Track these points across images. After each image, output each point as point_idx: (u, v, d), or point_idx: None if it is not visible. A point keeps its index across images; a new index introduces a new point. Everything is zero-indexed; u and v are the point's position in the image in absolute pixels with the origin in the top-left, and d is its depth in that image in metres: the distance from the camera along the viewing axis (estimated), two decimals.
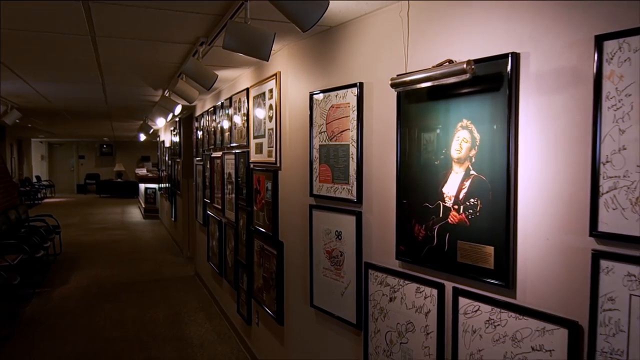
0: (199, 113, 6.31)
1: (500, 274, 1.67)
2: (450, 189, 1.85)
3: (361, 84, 2.33)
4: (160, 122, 6.55)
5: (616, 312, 1.35)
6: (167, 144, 10.25)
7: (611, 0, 1.35)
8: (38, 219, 8.17)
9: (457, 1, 1.80)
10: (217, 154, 4.93)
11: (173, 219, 9.50)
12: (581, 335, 1.44)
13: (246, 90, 3.78)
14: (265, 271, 3.45)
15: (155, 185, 13.48)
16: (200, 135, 6.09)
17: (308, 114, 2.74)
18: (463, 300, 1.82)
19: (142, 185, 14.45)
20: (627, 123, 1.31)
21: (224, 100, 4.62)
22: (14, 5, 2.26)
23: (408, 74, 1.87)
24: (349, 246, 2.45)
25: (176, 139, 8.56)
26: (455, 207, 1.83)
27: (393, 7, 2.11)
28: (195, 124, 6.54)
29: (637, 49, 1.29)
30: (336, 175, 2.52)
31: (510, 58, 1.60)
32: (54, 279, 6.77)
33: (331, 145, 2.55)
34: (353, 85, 2.36)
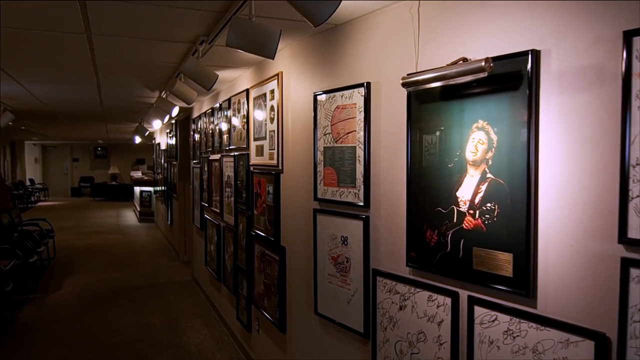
0: (196, 115, 6.21)
1: (520, 282, 1.59)
2: (465, 193, 1.77)
3: (368, 84, 2.25)
4: (156, 125, 6.45)
5: None
6: (163, 147, 10.14)
7: None
8: (31, 223, 8.03)
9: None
10: (216, 156, 4.83)
11: (169, 222, 9.38)
12: (609, 348, 1.37)
13: (246, 91, 3.70)
14: (267, 277, 3.35)
15: (150, 188, 13.36)
16: (198, 138, 5.99)
17: (312, 116, 2.66)
18: (479, 309, 1.74)
19: (137, 188, 14.31)
20: None
21: (223, 102, 4.53)
22: (6, 2, 2.17)
23: (421, 73, 1.78)
24: (355, 252, 2.37)
25: (172, 142, 8.45)
26: (471, 212, 1.75)
27: (403, 4, 2.03)
28: (193, 126, 6.44)
29: None
30: (342, 178, 2.43)
31: (530, 56, 1.53)
32: (48, 284, 6.64)
33: (336, 148, 2.47)
34: (360, 85, 2.28)
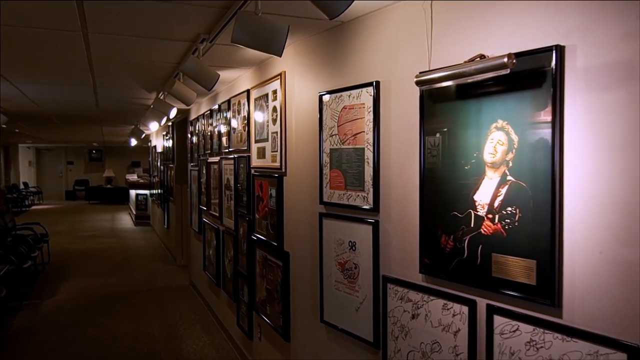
0: (193, 117, 6.11)
1: (544, 290, 1.50)
2: (483, 197, 1.69)
3: (377, 83, 2.16)
4: (153, 127, 6.33)
5: None
6: (159, 149, 10.01)
7: None
8: (25, 227, 7.89)
9: None
10: (214, 159, 4.73)
11: (166, 226, 9.26)
12: None
13: (247, 91, 3.60)
14: (269, 283, 3.26)
15: (146, 192, 13.22)
16: (196, 140, 5.89)
17: (317, 116, 2.56)
18: (499, 318, 1.66)
19: (133, 192, 14.18)
20: None
21: (222, 103, 4.43)
22: None
23: (436, 70, 1.70)
24: (364, 258, 2.28)
25: (169, 144, 8.33)
26: (490, 217, 1.67)
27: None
28: (190, 128, 6.33)
29: None
30: (349, 181, 2.34)
31: (554, 52, 1.45)
32: (43, 290, 6.50)
33: (344, 149, 2.38)
34: (368, 85, 2.20)
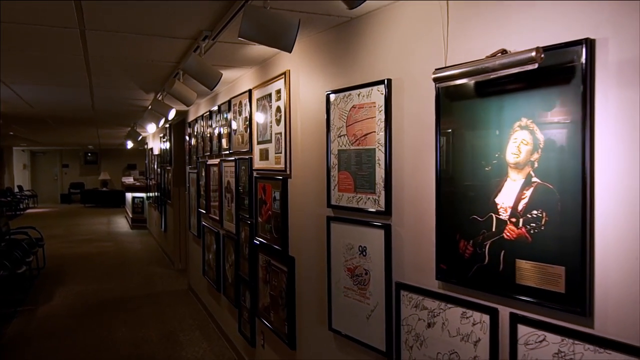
0: (192, 118, 6.00)
1: (574, 298, 1.41)
2: (505, 199, 1.60)
3: (389, 81, 2.07)
4: (151, 129, 6.22)
5: None
6: (156, 152, 9.89)
7: None
8: (20, 232, 7.75)
9: None
10: (214, 161, 4.63)
11: (163, 229, 9.13)
12: None
13: (248, 92, 3.51)
14: (273, 289, 3.15)
15: (143, 195, 13.08)
16: (194, 142, 5.78)
17: (324, 116, 2.47)
18: (523, 328, 1.57)
19: (129, 195, 14.03)
20: None
21: (222, 104, 4.33)
22: None
23: (456, 66, 1.61)
24: (375, 263, 2.18)
25: (166, 146, 8.22)
26: (513, 220, 1.58)
27: None
28: (188, 130, 6.23)
29: None
30: (359, 183, 2.25)
31: (584, 45, 1.36)
32: (38, 296, 6.37)
33: (353, 150, 2.28)
34: (379, 83, 2.11)
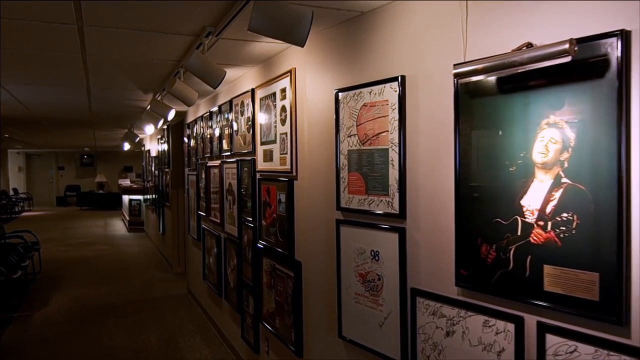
0: (190, 120, 5.90)
1: (609, 307, 1.33)
2: (532, 201, 1.51)
3: (403, 78, 1.98)
4: (149, 130, 6.10)
5: None
6: (154, 154, 9.77)
7: None
8: (15, 235, 7.60)
9: None
10: (215, 162, 4.53)
11: (161, 232, 9.01)
12: None
13: (251, 91, 3.41)
14: (278, 294, 3.05)
15: (140, 197, 12.94)
16: (193, 143, 5.68)
17: (333, 115, 2.38)
18: (552, 338, 1.48)
19: (126, 197, 13.89)
20: None
21: (223, 104, 4.23)
22: None
23: (479, 61, 1.52)
24: (389, 269, 2.09)
25: (164, 148, 8.10)
26: (540, 224, 1.49)
27: None
28: (187, 131, 6.12)
29: None
30: (371, 185, 2.16)
31: (619, 38, 1.28)
32: (34, 301, 6.23)
33: (364, 151, 2.19)
34: (393, 79, 2.02)
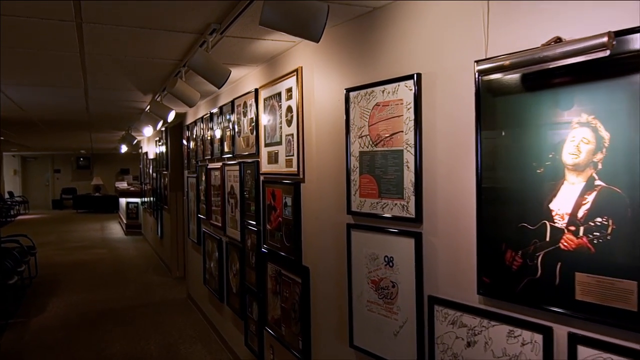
0: (190, 121, 5.80)
1: None
2: (562, 205, 1.43)
3: (419, 76, 1.89)
4: (147, 132, 6.00)
5: None
6: (152, 156, 9.66)
7: None
8: (11, 240, 7.48)
9: None
10: (216, 165, 4.43)
11: (159, 235, 8.90)
12: None
13: (254, 91, 3.32)
14: (284, 301, 2.96)
15: (137, 200, 12.82)
16: (193, 145, 5.58)
17: (343, 115, 2.29)
18: (585, 350, 1.39)
19: (123, 200, 13.76)
20: None
21: (224, 105, 4.14)
22: None
23: (506, 57, 1.44)
24: (404, 275, 2.00)
25: (162, 150, 8.00)
26: (571, 229, 1.40)
27: None
28: (187, 133, 6.02)
29: None
30: (384, 188, 2.07)
31: None
32: (30, 307, 6.12)
33: (377, 152, 2.10)
34: (408, 78, 1.93)
